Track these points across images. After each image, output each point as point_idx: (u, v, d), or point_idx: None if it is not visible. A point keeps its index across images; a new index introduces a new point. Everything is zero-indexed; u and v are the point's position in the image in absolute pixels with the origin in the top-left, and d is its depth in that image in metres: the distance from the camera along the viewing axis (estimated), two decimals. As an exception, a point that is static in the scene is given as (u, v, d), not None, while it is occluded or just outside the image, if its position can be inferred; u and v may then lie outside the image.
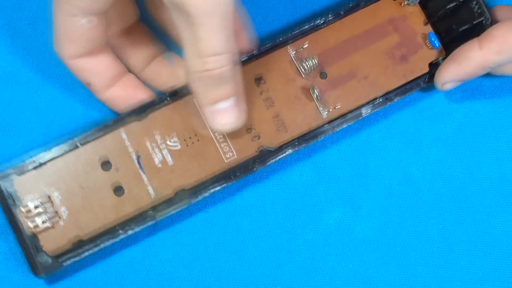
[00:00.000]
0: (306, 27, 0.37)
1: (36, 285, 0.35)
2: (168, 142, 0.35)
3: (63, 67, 0.35)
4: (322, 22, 0.37)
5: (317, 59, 0.36)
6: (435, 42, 0.38)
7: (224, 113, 0.33)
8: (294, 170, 0.37)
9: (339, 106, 0.36)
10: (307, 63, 0.36)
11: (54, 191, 0.34)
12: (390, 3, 0.38)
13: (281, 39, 0.36)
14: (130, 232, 0.34)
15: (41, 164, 0.34)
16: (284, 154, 0.35)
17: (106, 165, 0.34)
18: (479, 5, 0.36)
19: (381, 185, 0.37)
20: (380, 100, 0.37)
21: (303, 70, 0.36)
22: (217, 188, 0.35)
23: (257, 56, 0.36)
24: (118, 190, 0.34)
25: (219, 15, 0.30)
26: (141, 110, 0.35)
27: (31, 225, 0.33)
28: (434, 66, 0.37)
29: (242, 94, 0.33)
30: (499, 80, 0.39)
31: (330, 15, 0.37)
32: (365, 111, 0.36)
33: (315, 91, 0.36)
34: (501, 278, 0.36)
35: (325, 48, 0.37)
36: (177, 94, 0.35)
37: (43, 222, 0.33)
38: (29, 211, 0.33)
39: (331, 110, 0.36)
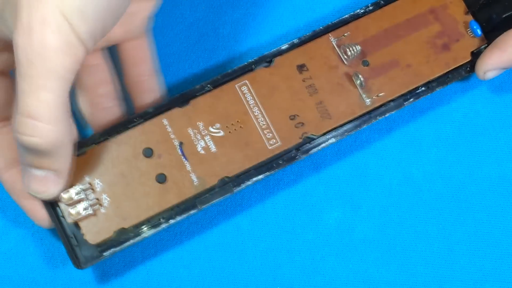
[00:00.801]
0: (347, 16, 0.37)
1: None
2: (210, 129, 0.34)
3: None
4: (362, 12, 0.37)
5: (359, 46, 0.36)
6: (477, 30, 0.37)
7: (35, 180, 0.29)
8: (294, 170, 0.37)
9: (382, 94, 0.36)
10: (350, 49, 0.36)
11: (95, 178, 0.33)
12: None
13: (321, 28, 0.36)
14: (172, 221, 0.33)
15: (82, 151, 0.33)
16: (326, 143, 0.35)
17: (148, 152, 0.34)
18: None
19: (381, 185, 0.37)
20: (423, 89, 0.36)
21: (346, 56, 0.36)
22: (260, 177, 0.34)
23: (299, 44, 0.36)
24: (161, 177, 0.34)
25: (46, 72, 0.25)
26: (183, 97, 0.34)
27: (72, 211, 0.32)
28: (476, 55, 0.37)
29: (64, 173, 0.30)
30: (499, 80, 0.39)
31: (370, 5, 0.37)
32: (407, 100, 0.36)
33: (359, 77, 0.35)
34: (501, 278, 0.36)
35: (366, 36, 0.37)
36: (218, 81, 0.35)
37: (85, 209, 0.32)
38: (70, 197, 0.32)
39: (374, 97, 0.36)
